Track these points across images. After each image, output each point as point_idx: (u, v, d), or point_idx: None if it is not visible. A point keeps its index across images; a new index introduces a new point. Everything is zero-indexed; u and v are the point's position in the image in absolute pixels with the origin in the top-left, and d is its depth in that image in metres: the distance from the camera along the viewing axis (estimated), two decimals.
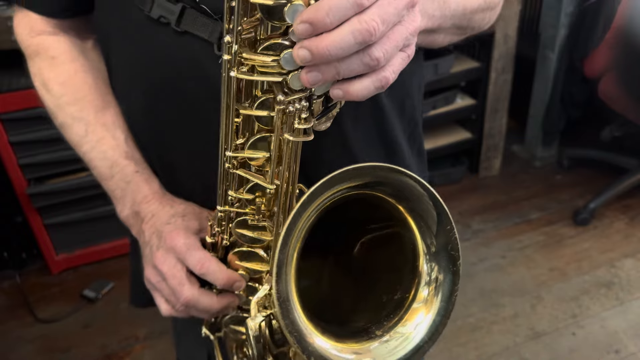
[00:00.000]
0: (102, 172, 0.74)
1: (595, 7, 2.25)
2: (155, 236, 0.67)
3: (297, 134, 0.52)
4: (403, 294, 0.61)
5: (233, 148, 0.57)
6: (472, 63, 2.46)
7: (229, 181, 0.60)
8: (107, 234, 2.16)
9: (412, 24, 0.49)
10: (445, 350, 1.88)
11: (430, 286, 0.60)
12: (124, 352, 1.91)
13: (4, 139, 1.86)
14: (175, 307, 0.66)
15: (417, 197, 0.56)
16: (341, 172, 0.51)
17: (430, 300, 0.60)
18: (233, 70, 0.50)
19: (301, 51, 0.45)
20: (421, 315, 0.60)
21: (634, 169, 2.48)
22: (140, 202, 0.71)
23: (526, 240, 2.33)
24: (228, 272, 0.65)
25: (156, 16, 0.62)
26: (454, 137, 2.61)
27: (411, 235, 0.59)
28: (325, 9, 0.43)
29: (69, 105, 0.74)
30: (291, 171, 0.56)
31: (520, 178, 2.71)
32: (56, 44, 0.75)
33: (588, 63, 2.34)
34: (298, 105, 0.50)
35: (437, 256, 0.59)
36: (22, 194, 1.97)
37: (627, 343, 1.89)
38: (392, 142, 0.74)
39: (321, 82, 0.48)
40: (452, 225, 0.57)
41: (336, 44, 0.44)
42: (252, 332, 0.60)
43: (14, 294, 2.12)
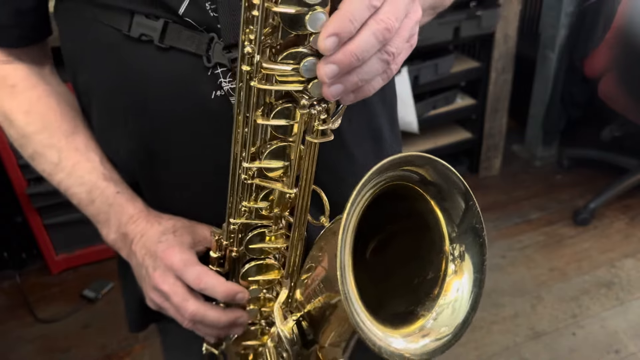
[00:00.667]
0: (81, 199, 0.70)
1: (595, 7, 2.25)
2: (149, 257, 0.65)
3: (317, 135, 0.52)
4: (436, 273, 0.61)
5: (250, 158, 0.56)
6: (472, 63, 2.46)
7: (243, 192, 0.59)
8: None
9: (416, 14, 0.50)
10: None
11: (456, 261, 0.60)
12: (124, 352, 1.91)
13: (4, 139, 1.86)
14: (184, 324, 0.65)
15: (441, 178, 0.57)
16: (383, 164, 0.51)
17: (459, 269, 0.60)
18: (254, 80, 0.50)
19: (328, 67, 0.45)
20: (457, 283, 0.60)
21: (634, 169, 2.48)
22: (126, 223, 0.68)
23: (526, 240, 2.33)
24: (227, 285, 0.64)
25: (137, 35, 0.60)
26: (454, 137, 2.61)
27: (436, 219, 0.60)
28: (348, 17, 0.44)
29: (37, 133, 0.70)
30: (308, 174, 0.56)
31: (521, 178, 2.71)
32: (14, 72, 0.71)
33: (588, 63, 2.34)
34: (319, 107, 0.50)
35: (460, 236, 0.60)
36: (22, 194, 1.97)
37: (627, 343, 1.89)
38: (377, 132, 0.74)
39: (343, 93, 0.48)
40: (473, 199, 0.58)
41: (361, 48, 0.45)
42: (287, 336, 0.59)
43: (14, 294, 2.13)
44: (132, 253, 0.68)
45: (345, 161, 0.70)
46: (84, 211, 0.72)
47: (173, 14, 0.59)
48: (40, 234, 2.09)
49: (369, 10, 0.44)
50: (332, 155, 0.67)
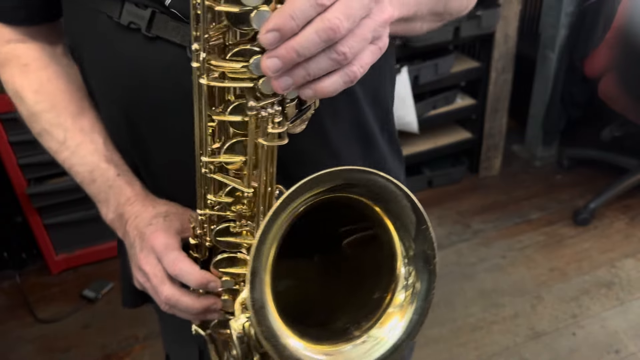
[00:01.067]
0: (84, 177, 0.74)
1: (595, 7, 2.25)
2: (138, 238, 0.68)
3: (271, 138, 0.52)
4: (381, 294, 0.61)
5: (209, 153, 0.57)
6: (472, 63, 2.46)
7: (207, 185, 0.60)
8: (107, 234, 2.12)
9: (381, 15, 0.49)
10: (445, 350, 1.88)
11: (407, 291, 0.60)
12: (124, 352, 1.91)
13: (4, 139, 1.86)
14: (161, 307, 0.67)
15: (393, 199, 0.56)
16: (314, 178, 0.51)
17: (405, 306, 0.60)
18: (203, 77, 0.51)
19: (270, 61, 0.46)
20: (395, 320, 0.60)
21: (634, 169, 2.48)
22: (123, 204, 0.71)
23: (526, 240, 2.33)
24: (201, 273, 0.65)
25: (126, 22, 0.62)
26: (454, 137, 2.61)
27: (389, 237, 0.59)
28: (289, 12, 0.44)
29: (45, 112, 0.73)
30: (268, 173, 0.56)
31: (521, 178, 2.71)
32: (27, 52, 0.74)
33: (588, 63, 2.34)
34: (271, 110, 0.50)
35: (414, 259, 0.59)
36: (22, 194, 1.97)
37: (627, 343, 1.89)
38: (367, 134, 0.74)
39: (292, 86, 0.48)
40: (427, 224, 0.57)
41: (302, 45, 0.45)
42: (235, 333, 0.60)
43: (14, 294, 2.13)
44: (126, 233, 0.71)
45: (330, 160, 0.69)
46: (85, 189, 0.75)
47: (160, 4, 0.60)
48: (40, 234, 2.09)
49: (314, 8, 0.44)
50: (316, 153, 0.68)
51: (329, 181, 0.53)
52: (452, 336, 1.92)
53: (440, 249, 2.45)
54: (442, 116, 2.49)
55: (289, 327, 0.56)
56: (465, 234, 2.37)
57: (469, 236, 2.36)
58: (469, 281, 2.14)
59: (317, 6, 0.44)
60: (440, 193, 2.58)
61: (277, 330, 0.54)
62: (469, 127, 2.63)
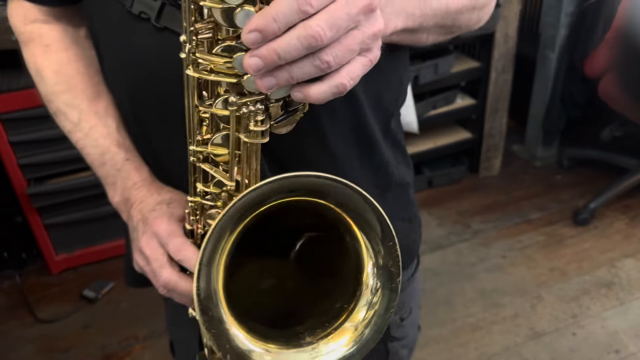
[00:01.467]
0: (94, 159, 0.76)
1: (595, 7, 2.25)
2: (142, 222, 0.69)
3: (253, 135, 0.53)
4: (342, 304, 0.61)
5: (197, 143, 0.58)
6: (472, 63, 2.46)
7: (197, 174, 0.62)
8: (107, 234, 2.16)
9: (371, 28, 0.48)
10: (445, 350, 1.88)
11: (369, 311, 0.59)
12: (124, 352, 1.91)
13: (4, 139, 1.86)
14: (159, 290, 0.68)
15: (362, 210, 0.56)
16: (273, 181, 0.51)
17: (360, 328, 0.59)
18: (189, 69, 0.52)
19: (252, 60, 0.46)
20: (345, 339, 0.60)
21: (634, 169, 2.48)
22: (130, 188, 0.73)
23: (526, 240, 2.34)
24: None
25: (137, 12, 0.63)
26: (454, 137, 2.61)
27: (357, 246, 0.59)
28: (272, 15, 0.44)
29: (63, 93, 0.76)
30: (251, 168, 0.56)
31: (521, 178, 2.71)
32: (49, 32, 0.77)
33: (588, 63, 2.34)
34: (252, 107, 0.51)
35: (380, 272, 0.59)
36: (22, 194, 1.97)
37: (627, 343, 1.89)
38: (367, 136, 0.74)
39: (276, 86, 0.48)
40: (394, 240, 0.57)
41: (283, 48, 0.45)
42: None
43: (14, 294, 2.13)
44: (130, 217, 0.72)
45: (328, 160, 0.71)
46: (95, 171, 0.77)
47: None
48: (40, 234, 2.09)
49: (297, 14, 0.44)
50: (313, 153, 0.69)
51: (295, 186, 0.53)
52: (452, 336, 1.92)
53: (440, 249, 2.46)
54: (442, 116, 2.49)
55: (236, 321, 0.57)
56: (465, 234, 2.37)
57: (469, 236, 2.36)
58: (469, 281, 2.14)
59: (300, 12, 0.44)
60: (440, 193, 2.58)
61: (221, 319, 0.55)
62: (469, 127, 2.63)
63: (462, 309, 2.02)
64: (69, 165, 1.98)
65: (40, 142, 1.90)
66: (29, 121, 1.86)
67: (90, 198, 2.03)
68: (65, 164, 1.97)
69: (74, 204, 2.05)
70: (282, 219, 0.58)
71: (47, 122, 1.86)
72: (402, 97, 0.81)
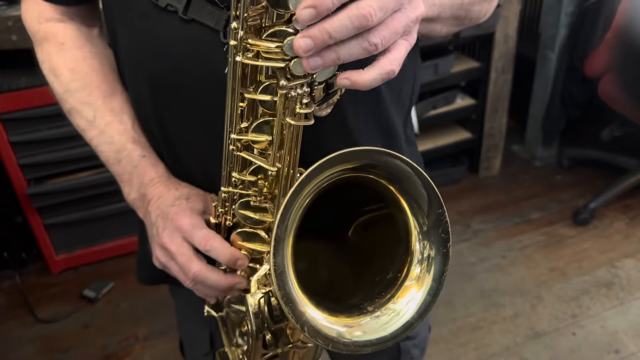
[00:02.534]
0: (109, 157, 0.76)
1: (595, 7, 2.25)
2: (161, 218, 0.69)
3: (298, 118, 0.54)
4: (395, 274, 0.63)
5: (237, 131, 0.59)
6: (472, 63, 2.46)
7: (232, 163, 0.62)
8: (107, 234, 2.16)
9: (414, 11, 0.50)
10: (445, 350, 1.88)
11: (423, 264, 0.62)
12: (124, 352, 1.91)
13: (4, 139, 1.86)
14: (185, 284, 0.68)
15: (408, 179, 0.58)
16: (336, 155, 0.53)
17: (422, 277, 0.62)
18: (239, 55, 0.52)
19: (303, 40, 0.47)
20: (413, 292, 0.62)
21: (634, 169, 2.48)
22: (146, 184, 0.73)
23: (526, 240, 2.34)
24: (231, 249, 0.67)
25: (164, 4, 0.64)
26: (454, 137, 2.61)
27: (404, 216, 0.61)
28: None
29: (78, 91, 0.76)
30: (292, 154, 0.57)
31: (520, 178, 2.71)
32: (64, 31, 0.77)
33: (588, 63, 2.34)
34: (300, 90, 0.52)
35: (428, 235, 0.61)
36: (22, 194, 1.97)
37: (627, 343, 1.89)
38: (389, 129, 0.76)
39: (321, 66, 0.49)
40: (443, 207, 0.60)
41: (334, 27, 0.46)
42: (252, 308, 0.63)
43: (14, 294, 2.13)
44: (148, 213, 0.72)
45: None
46: (110, 168, 0.77)
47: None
48: (40, 234, 2.09)
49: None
50: (336, 144, 0.69)
51: (351, 160, 0.55)
52: (452, 336, 1.92)
53: None
54: (442, 116, 2.49)
55: (307, 296, 0.58)
56: (465, 234, 2.37)
57: (469, 236, 2.36)
58: (469, 281, 2.14)
59: None
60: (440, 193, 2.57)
61: (295, 297, 0.56)
62: (469, 127, 2.63)
63: (462, 309, 2.02)
64: (69, 165, 1.98)
65: (40, 142, 1.90)
66: (29, 121, 1.86)
67: (90, 198, 2.03)
68: (65, 164, 1.97)
69: (74, 204, 2.05)
70: (335, 197, 0.60)
71: (47, 122, 1.87)
72: (416, 92, 0.82)
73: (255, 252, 0.68)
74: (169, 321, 1.96)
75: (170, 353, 1.87)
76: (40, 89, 1.79)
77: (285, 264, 0.55)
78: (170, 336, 1.92)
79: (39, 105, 1.83)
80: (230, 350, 0.79)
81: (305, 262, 0.61)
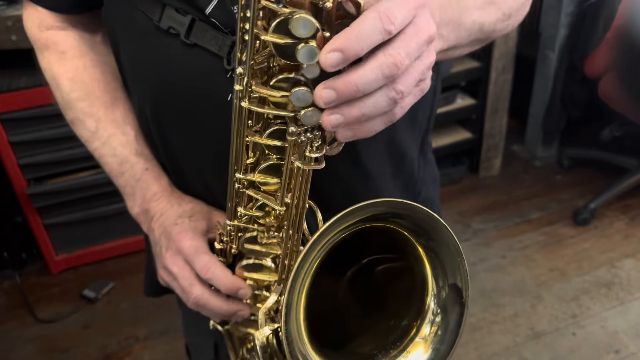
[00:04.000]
0: (112, 169, 0.75)
1: (596, 7, 2.25)
2: (164, 237, 0.69)
3: (307, 162, 0.51)
4: (410, 322, 0.62)
5: (243, 169, 0.57)
6: (472, 63, 2.46)
7: (239, 198, 0.60)
8: (107, 234, 2.16)
9: (429, 58, 0.48)
10: None
11: (433, 327, 0.60)
12: (124, 352, 1.91)
13: (4, 139, 1.86)
14: (188, 305, 0.68)
15: (438, 237, 0.56)
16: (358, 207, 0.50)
17: (429, 340, 0.60)
18: (244, 101, 0.50)
19: (325, 92, 0.44)
20: (420, 351, 0.60)
21: (634, 169, 2.48)
22: (149, 199, 0.72)
23: (526, 240, 2.33)
24: (233, 278, 0.66)
25: (165, 27, 0.62)
26: (454, 137, 2.61)
27: (423, 270, 0.60)
28: (356, 34, 0.42)
29: (79, 101, 0.75)
30: (302, 192, 0.55)
31: (521, 178, 2.71)
32: (65, 39, 0.76)
33: (588, 63, 2.34)
34: (310, 135, 0.49)
35: (444, 298, 0.60)
36: (22, 194, 1.97)
37: (627, 343, 1.89)
38: (401, 154, 0.74)
39: (343, 124, 0.46)
40: (462, 256, 0.58)
41: (364, 79, 0.43)
42: (259, 343, 0.61)
43: (14, 294, 2.12)
44: (151, 229, 0.72)
45: (359, 178, 0.70)
46: (113, 180, 0.76)
47: (200, 12, 0.60)
48: (40, 234, 2.08)
49: (381, 33, 0.42)
50: (345, 171, 0.68)
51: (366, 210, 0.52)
52: None
53: None
54: (442, 116, 2.49)
55: (318, 354, 0.57)
56: (465, 234, 2.37)
57: (469, 236, 2.36)
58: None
59: (383, 32, 0.42)
60: (440, 193, 2.57)
61: (307, 356, 0.55)
62: (469, 127, 2.63)
63: None
64: (69, 165, 1.98)
65: (40, 142, 1.90)
66: (29, 121, 1.86)
67: (90, 198, 2.03)
68: (65, 164, 1.97)
69: (74, 204, 2.05)
70: (352, 245, 0.58)
71: (47, 122, 1.87)
72: (435, 110, 0.80)
73: (262, 281, 0.67)
74: (169, 321, 1.96)
75: (170, 353, 1.87)
76: (40, 89, 1.79)
77: (297, 327, 0.54)
78: (170, 336, 1.92)
79: (39, 105, 1.83)
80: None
81: (318, 313, 0.60)
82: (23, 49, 1.66)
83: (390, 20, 0.42)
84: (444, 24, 0.57)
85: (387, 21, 0.42)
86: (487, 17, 0.64)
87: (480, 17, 0.62)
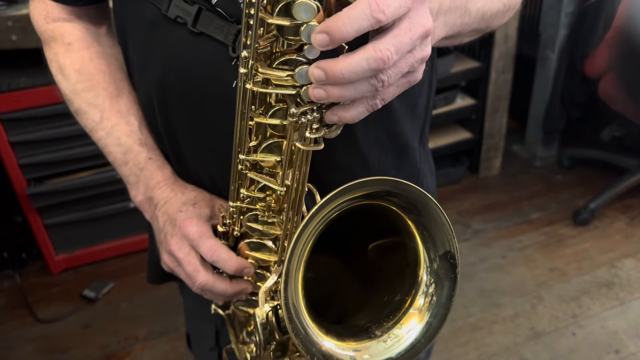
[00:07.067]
0: (116, 158, 0.76)
1: (596, 7, 2.25)
2: (169, 223, 0.70)
3: (307, 142, 0.54)
4: (403, 297, 0.64)
5: (246, 151, 0.59)
6: (472, 63, 2.46)
7: (241, 180, 0.62)
8: (107, 234, 2.16)
9: (422, 53, 0.49)
10: (445, 350, 1.88)
11: (427, 298, 0.63)
12: (124, 352, 1.91)
13: (4, 139, 1.86)
14: (193, 289, 0.70)
15: (428, 213, 0.59)
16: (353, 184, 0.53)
17: (423, 310, 0.63)
18: (249, 82, 0.52)
19: (316, 71, 0.47)
20: (414, 322, 0.63)
21: (634, 169, 2.48)
22: (153, 188, 0.74)
23: (526, 240, 2.34)
24: (237, 260, 0.68)
25: (173, 16, 0.64)
26: (454, 137, 2.61)
27: (415, 245, 0.62)
28: (343, 19, 0.44)
29: (85, 91, 0.76)
30: (301, 173, 0.58)
31: (521, 178, 2.71)
32: (71, 31, 0.77)
33: (588, 63, 2.34)
34: (310, 116, 0.52)
35: (436, 269, 0.62)
36: (22, 194, 1.97)
37: (627, 343, 1.89)
38: (402, 144, 0.75)
39: (325, 100, 0.49)
40: (452, 234, 0.60)
41: (350, 69, 0.45)
42: (260, 320, 0.63)
43: (14, 294, 2.13)
44: (155, 217, 0.73)
45: (359, 165, 0.72)
46: (117, 170, 0.77)
47: (207, 2, 0.62)
48: (40, 234, 2.09)
49: (368, 20, 0.44)
50: (345, 158, 0.70)
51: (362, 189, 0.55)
52: (452, 336, 1.92)
53: None
54: (442, 116, 2.49)
55: (316, 325, 0.59)
56: (465, 234, 2.37)
57: (469, 236, 2.36)
58: (469, 281, 2.13)
59: (372, 19, 0.44)
60: (440, 193, 2.56)
61: (306, 328, 0.57)
62: (469, 127, 2.63)
63: (462, 309, 2.02)
64: (68, 165, 1.98)
65: (40, 142, 1.90)
66: (29, 121, 1.86)
67: (90, 198, 2.03)
68: (65, 164, 1.97)
69: (74, 204, 2.05)
70: (347, 223, 0.60)
71: (47, 122, 1.87)
72: (432, 102, 0.82)
73: (262, 260, 0.69)
74: (168, 321, 1.96)
75: (170, 353, 1.87)
76: (40, 89, 1.79)
77: (296, 296, 0.56)
78: (170, 336, 1.92)
79: (39, 105, 1.83)
80: (237, 347, 0.80)
81: (315, 289, 0.62)
82: (23, 49, 1.66)
83: (380, 9, 0.43)
84: (452, 10, 0.58)
85: (376, 9, 0.43)
86: (490, 5, 0.66)
87: (484, 5, 0.65)
